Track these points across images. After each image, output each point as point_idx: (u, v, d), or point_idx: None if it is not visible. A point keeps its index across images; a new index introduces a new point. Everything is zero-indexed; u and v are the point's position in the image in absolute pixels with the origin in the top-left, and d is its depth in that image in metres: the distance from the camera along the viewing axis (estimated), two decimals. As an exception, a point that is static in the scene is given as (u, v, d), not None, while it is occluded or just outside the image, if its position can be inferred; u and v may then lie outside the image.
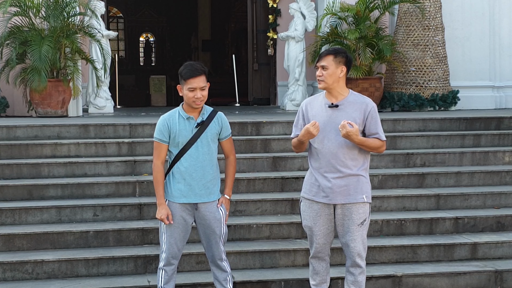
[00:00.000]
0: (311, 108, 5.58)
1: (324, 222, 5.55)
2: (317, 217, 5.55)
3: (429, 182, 8.52)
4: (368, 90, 11.44)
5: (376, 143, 5.50)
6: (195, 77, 5.46)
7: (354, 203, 5.48)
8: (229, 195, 5.70)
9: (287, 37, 12.52)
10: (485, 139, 9.49)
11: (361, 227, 5.51)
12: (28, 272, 6.77)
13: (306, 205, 5.62)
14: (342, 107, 5.48)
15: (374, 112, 5.51)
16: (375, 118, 5.50)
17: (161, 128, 5.56)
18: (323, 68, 5.47)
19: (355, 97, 5.55)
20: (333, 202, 5.49)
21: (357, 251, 5.53)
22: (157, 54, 29.47)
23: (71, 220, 7.52)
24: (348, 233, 5.50)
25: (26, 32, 10.87)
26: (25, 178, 8.12)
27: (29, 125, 9.01)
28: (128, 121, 9.49)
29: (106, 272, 6.90)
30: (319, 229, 5.56)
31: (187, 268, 6.93)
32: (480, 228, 7.83)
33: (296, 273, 6.95)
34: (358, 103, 5.50)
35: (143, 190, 7.98)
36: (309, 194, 5.59)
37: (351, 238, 5.50)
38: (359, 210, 5.50)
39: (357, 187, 5.49)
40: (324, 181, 5.48)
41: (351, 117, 5.43)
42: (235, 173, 5.76)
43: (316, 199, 5.54)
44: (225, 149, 5.70)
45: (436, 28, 11.88)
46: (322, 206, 5.52)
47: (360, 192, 5.50)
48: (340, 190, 5.46)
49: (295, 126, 5.68)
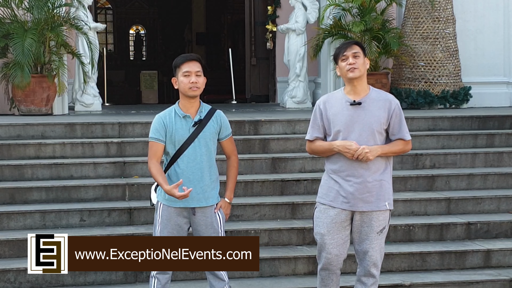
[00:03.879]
0: (330, 106, 5.49)
1: (339, 230, 5.47)
2: (332, 224, 5.46)
3: (439, 185, 8.53)
4: (374, 86, 11.10)
5: (399, 147, 5.48)
6: (190, 61, 5.50)
7: (376, 210, 5.44)
8: (229, 199, 5.68)
9: (287, 29, 12.52)
10: (499, 139, 9.50)
11: (380, 235, 5.47)
12: (11, 281, 6.77)
13: (321, 211, 5.53)
14: (365, 104, 5.42)
15: (398, 110, 5.47)
16: (400, 116, 5.46)
17: (157, 126, 5.56)
18: (355, 56, 5.44)
19: (378, 94, 5.52)
20: (353, 209, 5.43)
21: (373, 260, 5.48)
22: (148, 48, 29.50)
23: (56, 226, 7.52)
24: (366, 240, 5.46)
25: (8, 24, 10.86)
26: (7, 180, 8.12)
27: (11, 123, 9.01)
28: (117, 119, 9.49)
29: (93, 281, 6.90)
30: (332, 237, 5.48)
31: (181, 277, 6.93)
32: (493, 234, 7.83)
33: (297, 282, 6.95)
34: (382, 100, 5.47)
35: (133, 193, 7.99)
36: (326, 199, 5.50)
37: (369, 246, 5.45)
38: (380, 217, 5.45)
39: (380, 193, 5.44)
40: (346, 185, 5.41)
41: (375, 115, 5.39)
42: (237, 175, 5.74)
43: (334, 205, 5.46)
44: (226, 149, 5.70)
45: (447, 20, 11.88)
46: (339, 212, 5.45)
47: (382, 199, 5.45)
48: (362, 196, 5.40)
49: (312, 127, 5.57)
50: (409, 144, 5.55)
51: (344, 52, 5.45)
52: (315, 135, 5.55)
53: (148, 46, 29.53)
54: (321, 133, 5.53)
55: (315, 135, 5.55)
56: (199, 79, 5.50)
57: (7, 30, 10.78)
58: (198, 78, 5.50)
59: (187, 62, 5.51)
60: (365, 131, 5.39)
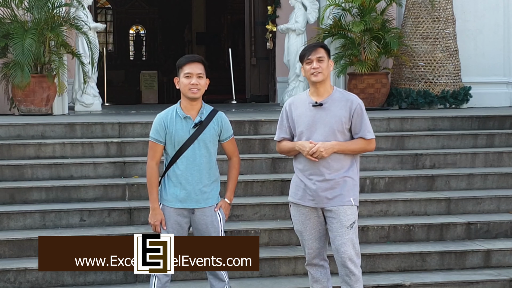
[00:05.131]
0: (295, 107, 5.63)
1: (314, 225, 5.61)
2: (307, 220, 5.61)
3: (439, 185, 8.53)
4: (374, 86, 11.46)
5: (359, 145, 5.56)
6: (192, 63, 5.50)
7: (340, 205, 5.52)
8: (230, 199, 5.69)
9: (287, 29, 12.53)
10: (499, 139, 9.49)
11: (350, 229, 5.54)
12: (10, 281, 6.77)
13: (294, 209, 5.69)
14: (327, 105, 5.54)
15: (360, 109, 5.56)
16: (361, 116, 5.55)
17: (157, 127, 5.56)
18: (319, 60, 5.52)
19: (340, 94, 5.62)
20: (319, 206, 5.55)
21: (348, 255, 5.53)
22: (148, 48, 29.52)
23: (56, 226, 7.52)
24: (337, 236, 5.54)
25: (8, 24, 10.87)
26: (7, 180, 8.11)
27: (11, 123, 9.01)
28: (117, 119, 9.49)
29: (93, 281, 6.90)
30: (310, 232, 5.62)
31: (181, 277, 6.93)
32: (493, 234, 7.83)
33: (297, 282, 6.95)
34: (344, 100, 5.56)
35: (133, 193, 7.99)
36: (295, 197, 5.65)
37: (341, 242, 5.52)
38: (347, 212, 5.53)
39: (344, 189, 5.53)
40: (309, 184, 5.54)
41: (336, 115, 5.49)
42: (238, 175, 5.75)
43: (303, 203, 5.60)
44: (227, 150, 5.70)
45: (447, 20, 11.89)
46: (310, 209, 5.59)
47: (347, 195, 5.54)
48: (325, 194, 5.51)
49: (279, 128, 5.73)
50: (372, 144, 5.62)
51: (309, 56, 5.56)
52: (282, 135, 5.71)
53: (148, 46, 29.54)
54: (288, 134, 5.69)
55: (282, 136, 5.71)
56: (200, 81, 5.50)
57: (7, 30, 10.79)
58: (199, 80, 5.49)
59: (189, 63, 5.51)
60: (327, 131, 5.50)
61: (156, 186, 5.57)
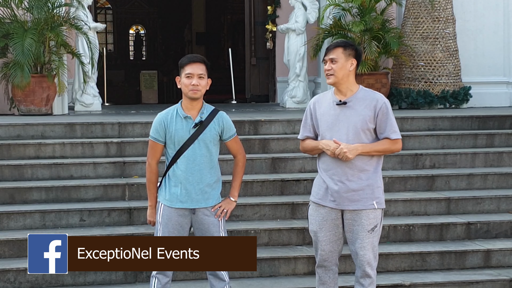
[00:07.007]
0: (319, 106, 5.56)
1: (331, 227, 5.52)
2: (323, 221, 5.51)
3: (439, 185, 8.53)
4: (374, 86, 11.44)
5: (385, 146, 5.47)
6: (194, 63, 5.49)
7: (363, 209, 5.44)
8: (234, 197, 5.67)
9: (287, 29, 12.52)
10: (499, 139, 9.50)
11: (371, 233, 5.47)
12: (10, 281, 6.77)
13: (313, 209, 5.59)
14: (351, 104, 5.45)
15: (385, 108, 5.46)
16: (386, 115, 5.45)
17: (157, 126, 5.56)
18: (332, 61, 5.44)
19: (365, 93, 5.53)
20: (340, 207, 5.46)
21: (366, 259, 5.49)
22: (148, 48, 29.51)
23: (56, 226, 7.52)
24: (357, 239, 5.47)
25: (7, 24, 10.87)
26: (7, 180, 8.12)
27: (11, 123, 9.01)
28: (117, 119, 9.49)
29: (93, 281, 6.90)
30: (324, 234, 5.53)
31: (181, 277, 6.93)
32: (493, 234, 7.84)
33: (297, 282, 6.95)
34: (368, 99, 5.47)
35: (133, 193, 7.99)
36: (316, 197, 5.56)
37: (360, 246, 5.46)
38: (370, 215, 5.45)
39: (367, 192, 5.44)
40: (331, 184, 5.45)
41: (360, 114, 5.40)
42: (242, 173, 5.72)
43: (323, 203, 5.51)
44: (232, 149, 5.68)
45: (447, 20, 11.89)
46: (329, 210, 5.49)
47: (370, 198, 5.45)
48: (347, 195, 5.42)
49: (303, 127, 5.66)
50: (397, 144, 5.53)
51: (325, 56, 5.53)
52: (306, 134, 5.64)
53: (148, 46, 29.53)
54: (311, 133, 5.62)
55: (306, 135, 5.64)
56: (201, 82, 5.49)
57: (6, 30, 10.79)
58: (200, 81, 5.49)
59: (190, 63, 5.50)
60: (351, 130, 5.43)
61: (155, 185, 5.58)
